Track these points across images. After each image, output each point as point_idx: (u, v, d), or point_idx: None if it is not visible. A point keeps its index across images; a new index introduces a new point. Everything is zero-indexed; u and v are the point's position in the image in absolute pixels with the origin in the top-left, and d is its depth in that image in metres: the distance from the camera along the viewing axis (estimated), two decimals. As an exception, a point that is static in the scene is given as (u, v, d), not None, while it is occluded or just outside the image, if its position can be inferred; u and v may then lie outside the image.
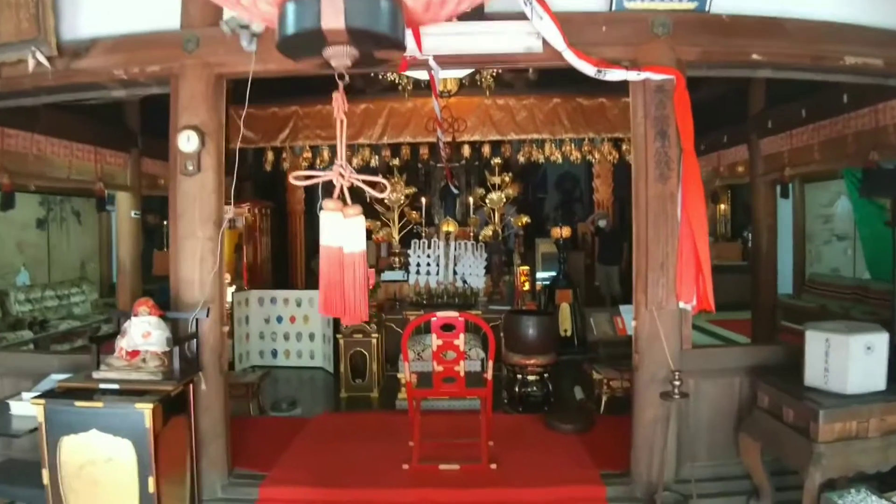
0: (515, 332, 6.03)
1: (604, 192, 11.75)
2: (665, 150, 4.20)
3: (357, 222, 2.60)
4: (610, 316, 6.55)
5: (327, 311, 2.55)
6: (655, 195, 4.21)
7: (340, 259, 2.55)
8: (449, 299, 7.87)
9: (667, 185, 4.19)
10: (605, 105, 10.41)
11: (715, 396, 4.43)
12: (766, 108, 7.90)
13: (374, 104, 10.31)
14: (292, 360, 8.07)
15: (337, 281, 2.54)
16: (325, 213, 2.60)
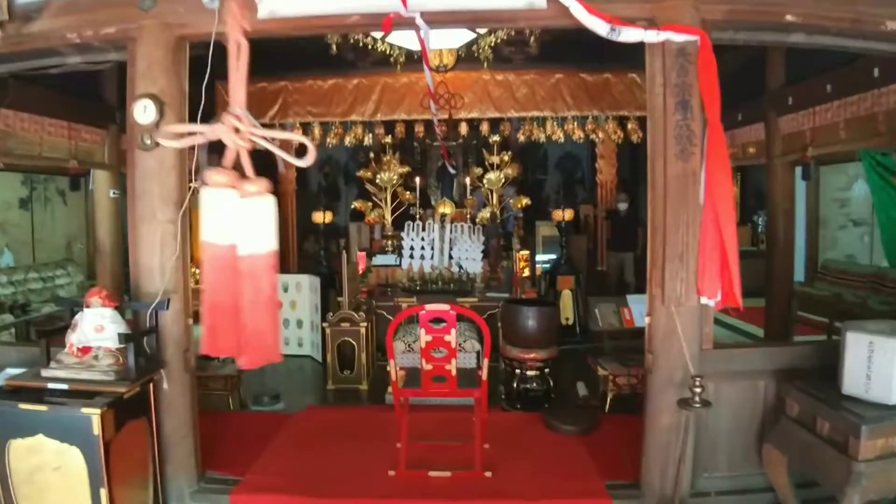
0: (514, 323, 5.49)
1: (607, 173, 11.17)
2: (687, 123, 3.62)
3: (262, 206, 1.67)
4: (616, 306, 5.99)
5: (211, 346, 1.66)
6: (675, 175, 3.63)
7: (233, 264, 1.65)
8: (444, 285, 7.32)
9: (689, 162, 3.62)
10: (610, 81, 9.83)
11: (737, 401, 3.90)
12: (786, 83, 7.28)
13: (367, 79, 9.71)
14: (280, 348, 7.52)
15: (227, 302, 1.66)
16: (207, 192, 1.65)
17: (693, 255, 3.57)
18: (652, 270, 3.77)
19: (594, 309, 5.96)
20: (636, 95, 9.90)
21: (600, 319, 5.90)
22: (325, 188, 12.27)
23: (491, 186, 7.73)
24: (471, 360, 5.65)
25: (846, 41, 4.11)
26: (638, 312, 5.99)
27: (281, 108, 9.77)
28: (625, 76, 9.84)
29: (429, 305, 4.01)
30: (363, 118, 9.69)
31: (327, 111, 9.71)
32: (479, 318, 4.16)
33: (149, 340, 4.00)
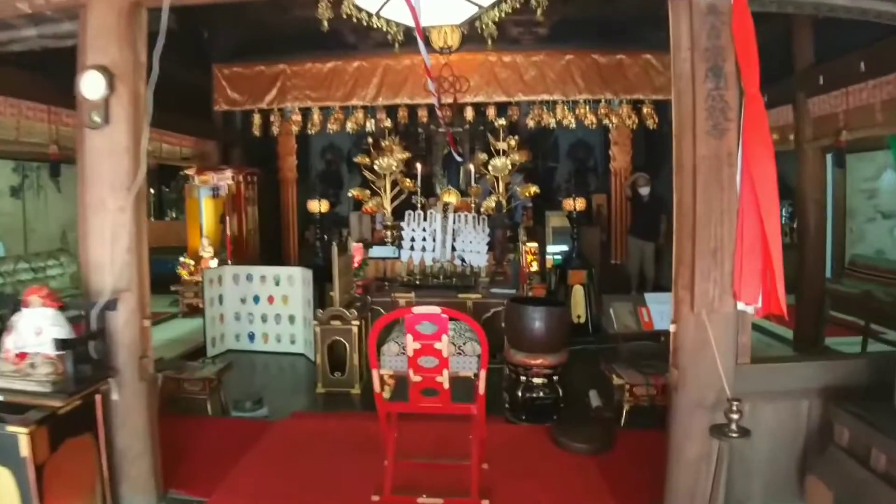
0: (519, 325, 4.86)
1: (621, 160, 10.48)
2: (720, 93, 2.98)
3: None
4: (633, 306, 5.35)
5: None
6: (707, 155, 2.99)
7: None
8: (445, 279, 6.71)
9: (723, 140, 2.97)
10: (624, 62, 9.17)
11: (776, 425, 3.27)
12: (816, 62, 6.58)
13: (368, 61, 9.12)
14: (271, 344, 6.96)
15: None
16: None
17: (729, 252, 2.93)
18: (679, 269, 3.14)
19: (608, 309, 5.32)
20: (652, 77, 9.23)
21: (615, 321, 5.26)
22: (326, 176, 11.69)
23: (497, 173, 7.08)
24: (471, 364, 5.00)
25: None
26: (658, 313, 5.36)
27: (279, 93, 9.20)
28: (639, 57, 9.17)
29: (417, 308, 3.41)
30: (364, 102, 9.12)
31: (327, 95, 9.12)
32: (474, 324, 3.56)
33: (96, 345, 3.42)
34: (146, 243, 3.81)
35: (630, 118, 9.34)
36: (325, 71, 9.08)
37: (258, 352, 7.00)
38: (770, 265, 2.81)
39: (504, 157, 7.14)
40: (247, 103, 9.20)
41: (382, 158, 7.10)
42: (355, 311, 5.56)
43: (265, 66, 9.14)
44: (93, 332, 3.40)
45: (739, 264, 2.87)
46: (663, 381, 4.77)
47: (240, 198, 8.65)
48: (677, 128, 3.19)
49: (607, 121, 9.44)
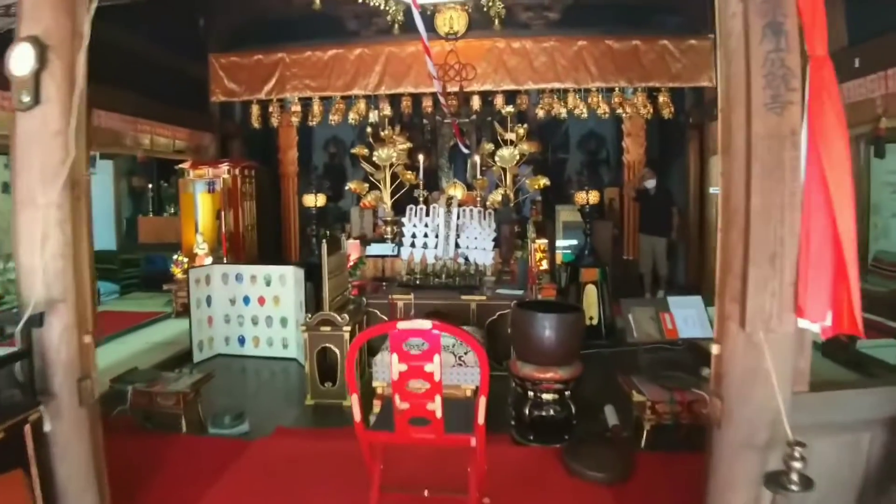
0: (527, 334, 4.21)
1: (635, 152, 9.79)
2: (780, 57, 2.28)
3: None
4: (655, 311, 4.68)
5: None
6: (765, 134, 2.30)
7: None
8: (448, 279, 6.06)
9: (784, 116, 2.28)
10: (639, 48, 8.46)
11: (833, 461, 2.60)
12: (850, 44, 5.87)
13: (370, 49, 8.47)
14: (262, 348, 6.35)
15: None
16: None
17: (791, 257, 2.26)
18: (725, 278, 2.46)
19: (627, 314, 4.66)
20: (668, 64, 8.52)
21: (635, 328, 4.60)
22: (329, 169, 11.08)
23: (504, 164, 6.40)
24: (473, 377, 4.38)
25: None
26: (682, 319, 4.71)
27: (278, 83, 8.58)
28: (655, 43, 8.46)
29: (402, 323, 2.76)
30: (366, 92, 8.48)
31: (328, 84, 8.49)
32: (472, 342, 2.89)
33: (23, 366, 2.81)
34: (89, 246, 3.20)
35: (645, 107, 8.64)
36: (325, 59, 8.45)
37: (249, 356, 6.40)
38: (843, 273, 2.14)
39: (512, 147, 6.46)
40: (244, 94, 8.60)
41: (382, 149, 6.45)
42: (347, 315, 4.93)
43: (263, 55, 8.53)
44: (18, 351, 2.79)
45: (804, 272, 2.20)
46: (690, 398, 4.13)
47: (236, 192, 8.04)
48: (725, 101, 2.50)
49: (621, 110, 8.76)
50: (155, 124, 7.54)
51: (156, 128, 7.56)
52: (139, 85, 7.23)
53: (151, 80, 7.51)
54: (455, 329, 2.88)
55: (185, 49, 8.24)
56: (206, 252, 7.72)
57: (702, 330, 4.75)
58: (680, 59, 8.49)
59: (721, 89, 2.50)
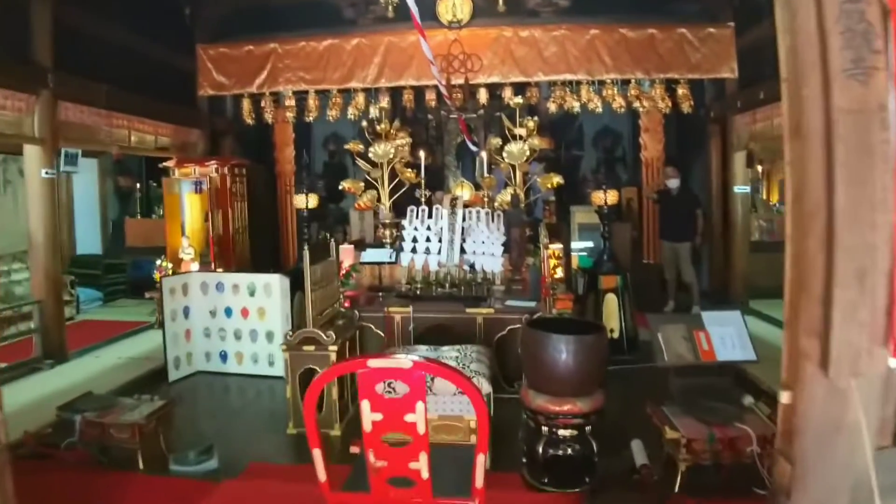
0: (540, 359, 3.51)
1: (653, 149, 9.06)
2: (859, 9, 1.59)
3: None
4: (688, 330, 3.97)
5: None
6: (848, 109, 1.61)
7: None
8: (452, 289, 5.38)
9: (869, 86, 1.59)
10: (656, 37, 7.76)
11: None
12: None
13: (368, 38, 7.79)
14: (246, 365, 5.68)
15: None
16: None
17: (884, 274, 1.55)
18: (797, 303, 1.77)
19: (657, 333, 3.95)
20: (687, 54, 7.80)
21: (665, 349, 3.89)
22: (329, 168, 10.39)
23: (513, 161, 5.70)
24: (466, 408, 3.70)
25: None
26: (719, 339, 4.00)
27: (270, 75, 7.91)
28: (673, 31, 7.75)
29: (375, 360, 2.06)
30: (364, 84, 7.79)
31: (323, 77, 7.82)
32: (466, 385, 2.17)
33: None
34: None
35: (664, 100, 7.94)
36: (320, 50, 7.78)
37: (232, 374, 5.73)
38: None
39: (521, 143, 5.75)
40: (234, 87, 7.94)
41: (379, 145, 5.75)
42: (333, 332, 4.24)
43: (254, 46, 7.87)
44: None
45: None
46: (731, 434, 3.42)
47: (225, 192, 7.38)
48: (791, 67, 1.82)
49: (637, 104, 8.05)
50: (133, 119, 6.87)
51: (134, 122, 6.89)
52: (116, 76, 6.57)
53: (130, 72, 6.86)
54: (443, 368, 2.18)
55: (169, 39, 7.59)
56: (192, 257, 7.06)
57: (742, 351, 4.04)
58: (699, 48, 7.79)
59: (784, 53, 1.82)
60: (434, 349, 4.35)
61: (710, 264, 8.91)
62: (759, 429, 3.42)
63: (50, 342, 6.05)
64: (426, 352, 4.25)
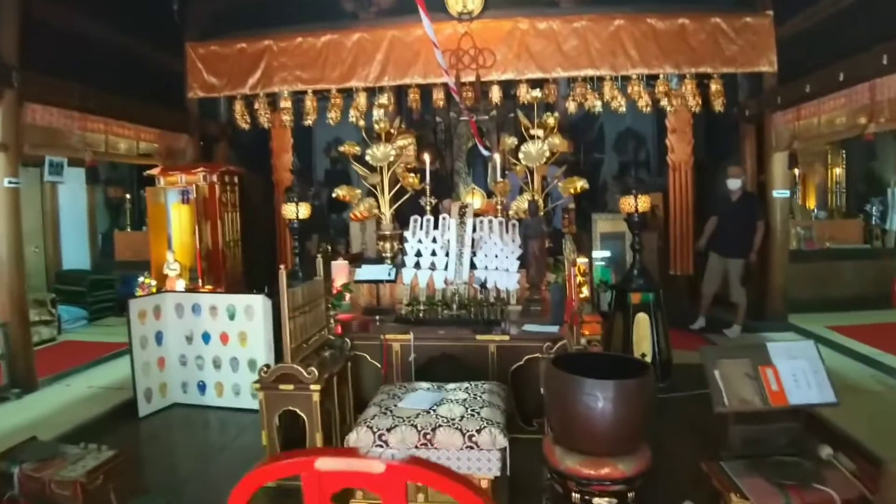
0: (569, 409, 2.70)
1: (681, 151, 8.20)
2: None
3: None
4: (751, 364, 3.15)
5: None
6: None
7: None
8: (460, 310, 4.58)
9: None
10: (687, 28, 6.96)
11: None
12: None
13: (370, 33, 7.05)
14: (227, 398, 4.91)
15: None
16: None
17: None
18: None
19: (713, 370, 3.13)
20: (721, 46, 6.97)
21: (725, 391, 3.06)
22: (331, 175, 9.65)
23: (531, 163, 4.88)
24: (490, 464, 2.90)
25: None
26: (790, 375, 3.19)
27: (264, 75, 7.19)
28: (706, 21, 6.92)
29: (324, 459, 1.28)
30: (366, 83, 7.04)
31: (321, 76, 7.09)
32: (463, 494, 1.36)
33: None
34: None
35: (694, 98, 7.12)
36: (318, 46, 7.04)
37: (212, 407, 4.97)
38: None
39: (540, 143, 4.94)
40: (226, 88, 7.22)
41: (377, 147, 4.97)
42: (316, 368, 3.45)
43: (247, 43, 7.15)
44: None
45: None
46: (811, 499, 2.60)
47: (214, 202, 6.63)
48: None
49: (665, 103, 7.23)
50: (111, 122, 6.14)
51: (112, 126, 6.16)
52: (92, 75, 5.86)
53: (109, 71, 6.16)
54: (427, 471, 1.37)
55: (155, 36, 6.88)
56: (178, 273, 6.33)
57: (819, 391, 3.21)
58: (735, 39, 6.97)
59: None
60: (438, 388, 3.56)
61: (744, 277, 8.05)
62: (843, 490, 2.62)
63: (16, 369, 5.34)
64: (428, 392, 3.45)
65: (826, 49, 6.23)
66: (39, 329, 7.17)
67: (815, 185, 9.69)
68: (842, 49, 5.93)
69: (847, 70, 5.82)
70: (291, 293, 3.49)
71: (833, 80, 6.01)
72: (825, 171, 9.68)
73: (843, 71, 5.87)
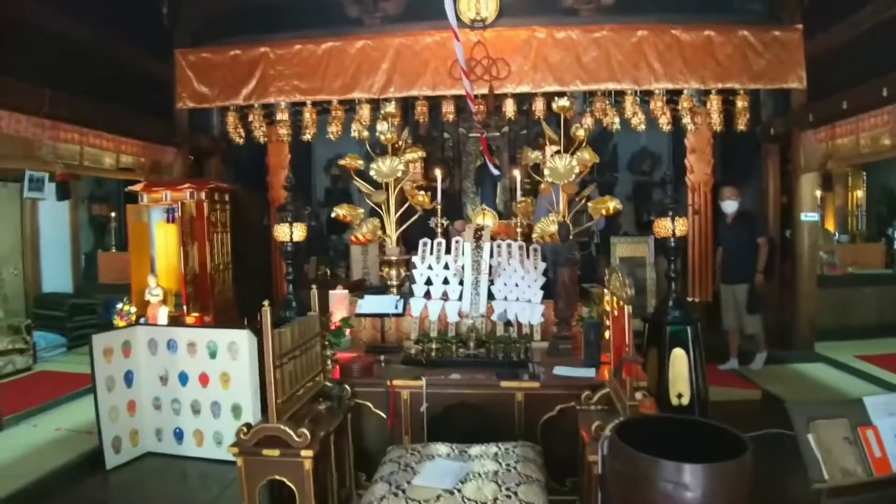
0: (643, 500, 1.95)
1: (700, 172, 7.52)
2: None
3: None
4: (850, 426, 2.44)
5: None
6: None
7: None
8: (478, 349, 3.81)
9: None
10: (713, 40, 6.31)
11: None
12: None
13: (375, 41, 6.36)
14: (207, 448, 4.11)
15: None
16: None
17: None
18: None
19: (807, 434, 2.40)
20: (749, 61, 6.31)
21: (823, 461, 2.36)
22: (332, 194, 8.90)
23: (557, 180, 4.16)
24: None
25: None
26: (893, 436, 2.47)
27: (259, 84, 6.49)
28: (733, 33, 6.27)
29: None
30: (370, 94, 6.34)
31: (322, 86, 6.38)
32: None
33: None
34: None
35: (719, 114, 6.46)
36: (318, 54, 6.34)
37: (191, 458, 4.17)
38: None
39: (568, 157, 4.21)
40: (218, 99, 6.51)
41: (383, 160, 4.25)
42: (308, 430, 2.68)
43: (241, 50, 6.44)
44: None
45: None
46: None
47: (202, 222, 5.87)
48: None
49: (688, 119, 6.56)
50: (88, 132, 5.40)
51: (88, 137, 5.41)
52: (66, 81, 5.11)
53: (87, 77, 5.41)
54: None
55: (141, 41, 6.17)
56: (160, 299, 5.54)
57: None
58: (763, 53, 6.34)
59: None
60: (460, 452, 2.80)
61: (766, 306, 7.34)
62: None
63: (-22, 407, 4.58)
64: (448, 461, 2.68)
65: (865, 64, 5.61)
66: (14, 358, 6.42)
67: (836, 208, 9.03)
68: (884, 63, 5.29)
69: (891, 86, 5.19)
70: (278, 335, 2.73)
71: (875, 97, 5.38)
72: (845, 194, 9.02)
73: (886, 86, 5.24)
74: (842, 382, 5.81)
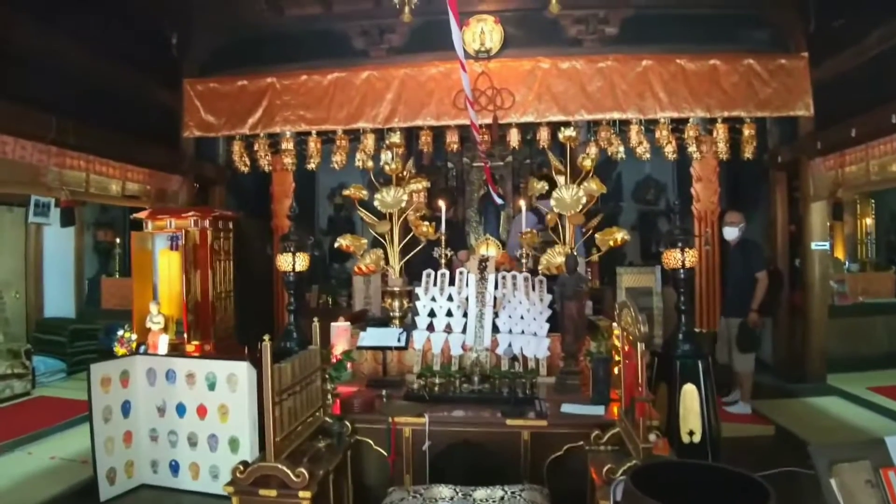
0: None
1: (706, 200, 7.42)
2: None
3: None
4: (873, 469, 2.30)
5: None
6: None
7: None
8: (482, 384, 3.69)
9: None
10: (719, 69, 6.28)
11: None
12: None
13: (380, 72, 6.35)
14: (203, 481, 3.97)
15: None
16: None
17: None
18: None
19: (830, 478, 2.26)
20: (755, 89, 6.27)
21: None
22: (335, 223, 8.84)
23: (564, 210, 4.07)
24: None
25: None
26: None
27: (265, 114, 6.46)
28: (738, 62, 6.24)
29: None
30: (375, 125, 6.30)
31: (327, 116, 6.35)
32: None
33: None
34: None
35: (725, 142, 6.40)
36: (324, 84, 6.33)
37: (186, 492, 4.02)
38: None
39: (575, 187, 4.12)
40: (224, 128, 6.49)
41: (388, 190, 4.16)
42: (306, 469, 2.56)
43: (248, 80, 6.44)
44: None
45: None
46: None
47: (205, 250, 5.79)
48: None
49: (694, 148, 6.50)
50: (94, 159, 5.36)
51: (94, 164, 5.38)
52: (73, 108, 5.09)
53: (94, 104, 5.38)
54: None
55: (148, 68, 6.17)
56: (161, 327, 5.44)
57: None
58: (769, 81, 6.31)
59: None
60: (462, 494, 2.66)
61: (773, 340, 7.15)
62: None
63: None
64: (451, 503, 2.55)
65: (873, 90, 5.54)
66: (12, 383, 6.32)
67: (845, 236, 8.90)
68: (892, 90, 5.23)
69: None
70: (278, 370, 2.63)
71: (884, 123, 5.29)
72: (854, 222, 8.91)
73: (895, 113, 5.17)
74: (856, 416, 5.63)
